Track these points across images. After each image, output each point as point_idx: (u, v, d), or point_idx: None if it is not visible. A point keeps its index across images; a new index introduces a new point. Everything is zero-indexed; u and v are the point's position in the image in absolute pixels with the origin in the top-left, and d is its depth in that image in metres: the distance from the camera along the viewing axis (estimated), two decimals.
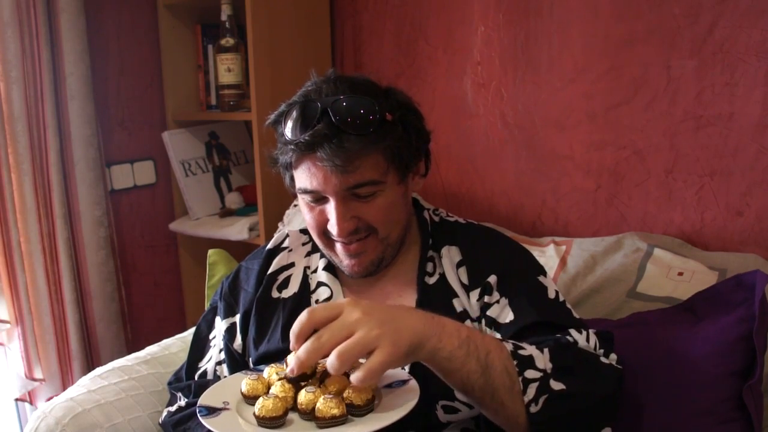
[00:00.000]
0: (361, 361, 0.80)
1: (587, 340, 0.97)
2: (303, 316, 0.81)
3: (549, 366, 0.88)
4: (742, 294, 1.06)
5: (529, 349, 0.89)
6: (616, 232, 1.43)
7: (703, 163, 1.36)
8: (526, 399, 0.85)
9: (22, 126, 1.68)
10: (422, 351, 0.81)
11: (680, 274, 1.26)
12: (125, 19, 1.96)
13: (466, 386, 0.85)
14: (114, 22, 1.93)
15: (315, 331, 0.81)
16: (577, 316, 1.04)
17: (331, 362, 0.77)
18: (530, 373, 0.86)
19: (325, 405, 0.82)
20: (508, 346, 0.88)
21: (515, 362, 0.86)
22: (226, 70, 1.84)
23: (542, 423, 0.85)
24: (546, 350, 0.90)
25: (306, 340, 0.80)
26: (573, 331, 0.97)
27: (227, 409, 0.89)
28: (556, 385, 0.87)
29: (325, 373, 0.88)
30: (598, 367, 0.93)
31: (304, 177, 1.00)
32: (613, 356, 0.97)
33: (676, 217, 1.41)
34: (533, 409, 0.85)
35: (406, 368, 0.99)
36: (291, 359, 0.91)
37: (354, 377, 0.77)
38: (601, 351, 0.97)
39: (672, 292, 1.23)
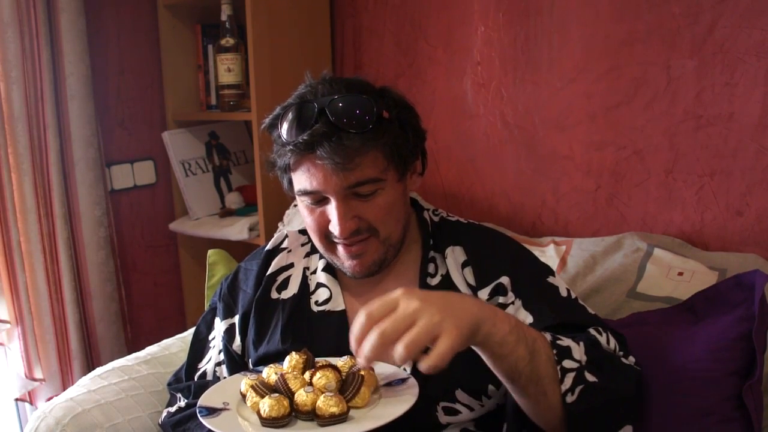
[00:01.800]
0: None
1: (608, 342, 0.98)
2: (361, 318, 0.79)
3: (584, 358, 0.89)
4: (742, 294, 1.06)
5: (566, 341, 0.90)
6: (616, 232, 1.43)
7: (703, 163, 1.36)
8: (563, 388, 0.86)
9: (22, 126, 1.68)
10: (479, 334, 0.81)
11: (680, 274, 1.26)
12: (125, 19, 1.96)
13: (514, 373, 0.85)
14: (114, 22, 1.93)
15: None
16: (592, 312, 1.06)
17: (399, 354, 0.75)
18: (568, 363, 0.87)
19: (325, 403, 0.83)
20: (547, 335, 0.90)
21: (554, 351, 0.87)
22: (226, 70, 1.84)
23: (578, 413, 0.86)
24: (582, 343, 0.91)
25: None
26: (593, 331, 0.98)
27: (227, 409, 0.89)
28: (590, 377, 0.88)
29: (316, 368, 0.89)
30: (620, 366, 0.95)
31: (303, 178, 0.99)
32: (632, 358, 0.99)
33: (676, 217, 1.41)
34: (569, 398, 0.86)
35: (408, 369, 0.99)
36: (290, 359, 0.92)
37: (424, 365, 0.76)
38: (621, 353, 0.98)
39: (672, 292, 1.23)
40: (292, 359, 0.94)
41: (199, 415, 0.87)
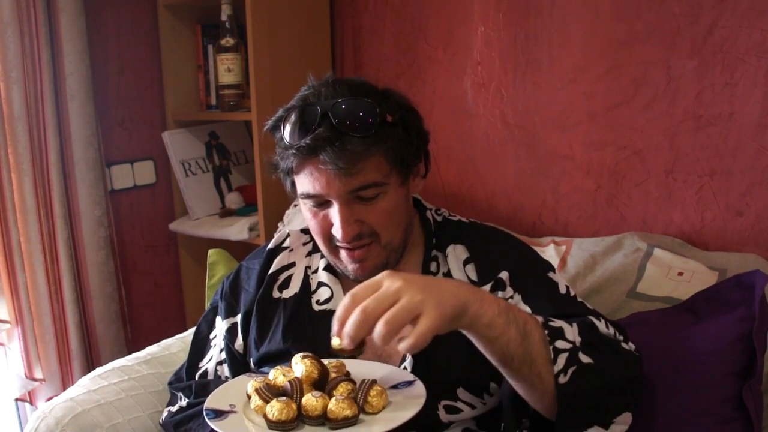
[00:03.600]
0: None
1: (606, 327, 0.97)
2: (346, 300, 0.80)
3: (578, 339, 0.88)
4: (742, 294, 1.06)
5: (558, 322, 0.89)
6: (616, 232, 1.43)
7: (703, 163, 1.36)
8: (556, 369, 0.85)
9: (22, 126, 1.68)
10: (465, 317, 0.81)
11: (680, 274, 1.26)
12: (125, 19, 1.96)
13: (506, 356, 0.84)
14: (114, 22, 1.93)
15: None
16: (591, 308, 1.05)
17: (378, 331, 0.76)
18: (560, 344, 0.86)
19: (338, 406, 0.83)
20: (539, 318, 0.89)
21: (546, 332, 0.86)
22: (226, 70, 1.84)
23: (570, 395, 0.85)
24: (575, 325, 0.90)
25: None
26: (592, 318, 0.97)
27: (234, 411, 0.89)
28: (585, 359, 0.86)
29: (333, 381, 0.88)
30: (619, 350, 0.93)
31: (306, 182, 0.99)
32: (632, 344, 0.97)
33: (676, 217, 1.41)
34: (562, 379, 0.85)
35: (409, 367, 0.99)
36: (304, 367, 0.91)
37: (404, 345, 0.76)
38: (621, 338, 0.97)
39: (672, 292, 1.23)
40: (307, 368, 0.91)
41: (206, 418, 0.87)
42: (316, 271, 1.14)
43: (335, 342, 0.84)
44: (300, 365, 0.90)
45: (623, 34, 1.41)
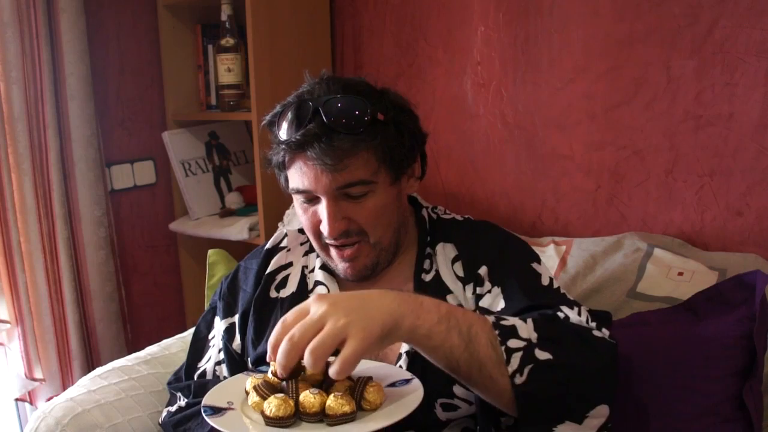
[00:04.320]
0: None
1: (579, 314, 0.95)
2: (277, 326, 0.81)
3: (534, 335, 0.85)
4: (743, 294, 1.06)
5: (511, 320, 0.87)
6: (616, 232, 1.43)
7: (703, 163, 1.36)
8: (510, 369, 0.82)
9: (22, 126, 1.68)
10: (399, 331, 0.80)
11: (680, 274, 1.26)
12: (125, 19, 1.96)
13: (451, 362, 0.83)
14: (114, 22, 1.93)
15: None
16: (572, 298, 1.03)
17: (306, 360, 0.77)
18: (513, 343, 0.84)
19: (336, 402, 0.83)
20: (490, 318, 0.87)
21: (497, 332, 0.85)
22: (226, 70, 1.84)
23: (528, 395, 0.82)
24: (529, 320, 0.88)
25: None
26: (564, 308, 0.95)
27: (232, 408, 0.89)
28: (542, 355, 0.84)
29: (330, 378, 0.88)
30: (588, 339, 0.90)
31: (296, 177, 1.00)
32: (605, 331, 0.94)
33: (676, 217, 1.41)
34: (518, 380, 0.82)
35: (404, 366, 0.99)
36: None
37: (331, 371, 0.77)
38: (593, 324, 0.94)
39: (672, 292, 1.23)
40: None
41: (203, 414, 0.87)
42: (312, 271, 1.14)
43: (272, 368, 0.86)
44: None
45: (623, 34, 1.41)
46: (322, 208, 1.00)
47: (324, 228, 1.01)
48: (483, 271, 1.04)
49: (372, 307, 0.80)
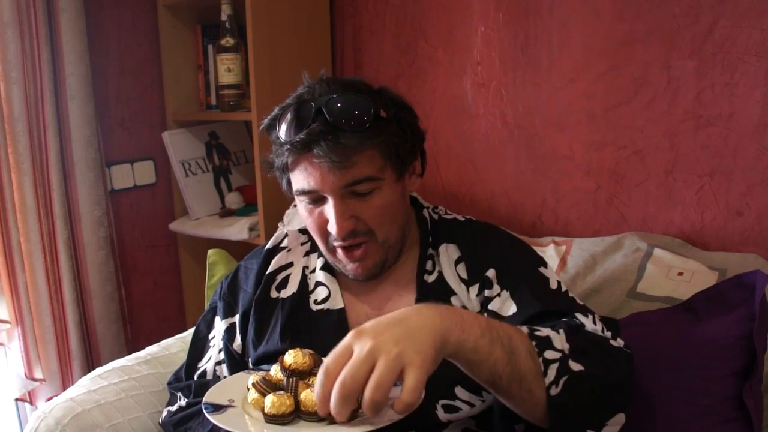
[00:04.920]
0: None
1: (594, 323, 0.95)
2: (320, 377, 0.75)
3: (566, 347, 0.85)
4: (743, 294, 1.06)
5: (545, 331, 0.87)
6: (616, 232, 1.43)
7: (703, 163, 1.36)
8: (547, 381, 0.82)
9: (22, 126, 1.68)
10: (448, 347, 0.76)
11: (680, 274, 1.26)
12: (125, 19, 1.96)
13: (494, 377, 0.80)
14: (114, 22, 1.93)
15: None
16: (581, 303, 1.03)
17: (366, 405, 0.72)
18: (550, 354, 0.83)
19: None
20: (524, 329, 0.86)
21: (534, 343, 0.84)
22: (226, 70, 1.84)
23: (563, 406, 0.82)
24: (561, 331, 0.88)
25: None
26: (579, 315, 0.95)
27: (233, 406, 0.89)
28: (575, 366, 0.84)
29: None
30: (608, 349, 0.91)
31: (301, 177, 1.00)
32: (620, 341, 0.95)
33: (676, 217, 1.41)
34: (554, 391, 0.82)
35: None
36: (288, 357, 0.91)
37: (398, 407, 0.73)
38: (609, 334, 0.95)
39: (672, 292, 1.23)
40: (299, 357, 0.91)
41: (204, 412, 0.87)
42: (313, 271, 1.14)
43: (273, 367, 0.86)
44: (290, 354, 0.91)
45: (623, 34, 1.41)
46: (329, 208, 0.99)
47: (332, 228, 1.00)
48: (491, 273, 1.04)
49: (416, 328, 0.75)
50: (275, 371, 0.92)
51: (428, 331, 0.75)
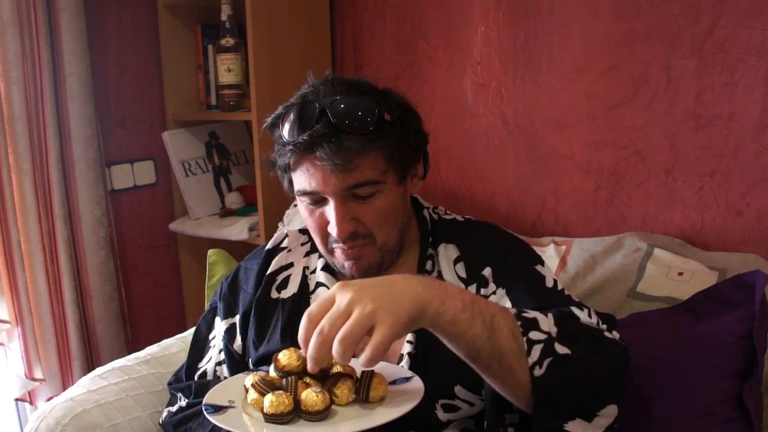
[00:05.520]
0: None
1: (589, 316, 0.95)
2: (303, 321, 0.79)
3: (554, 329, 0.85)
4: (743, 294, 1.06)
5: (532, 313, 0.87)
6: (616, 232, 1.43)
7: (703, 163, 1.36)
8: (530, 361, 0.82)
9: (22, 126, 1.68)
10: (425, 316, 0.78)
11: (680, 274, 1.26)
12: (125, 19, 1.96)
13: (472, 352, 0.82)
14: (114, 22, 1.93)
15: None
16: (577, 300, 1.03)
17: (335, 351, 0.75)
18: (535, 335, 0.84)
19: (342, 392, 0.84)
20: (512, 310, 0.87)
21: (519, 323, 0.84)
22: (226, 70, 1.84)
23: (546, 387, 0.82)
24: (550, 315, 0.88)
25: None
26: (574, 309, 0.95)
27: (233, 407, 0.89)
28: (561, 349, 0.84)
29: (333, 378, 0.88)
30: (600, 339, 0.91)
31: (303, 178, 1.00)
32: (616, 333, 0.95)
33: (676, 217, 1.41)
34: (537, 372, 0.82)
35: (406, 366, 0.99)
36: (282, 357, 0.91)
37: (361, 359, 0.75)
38: (604, 326, 0.95)
39: (672, 292, 1.23)
40: (292, 358, 0.92)
41: (205, 412, 0.87)
42: (314, 272, 1.14)
43: (273, 367, 0.87)
44: (284, 354, 0.91)
45: (623, 34, 1.41)
46: (330, 210, 0.99)
47: (332, 229, 1.00)
48: (487, 272, 1.04)
49: (398, 291, 0.78)
50: (272, 370, 0.92)
51: (408, 296, 0.78)
